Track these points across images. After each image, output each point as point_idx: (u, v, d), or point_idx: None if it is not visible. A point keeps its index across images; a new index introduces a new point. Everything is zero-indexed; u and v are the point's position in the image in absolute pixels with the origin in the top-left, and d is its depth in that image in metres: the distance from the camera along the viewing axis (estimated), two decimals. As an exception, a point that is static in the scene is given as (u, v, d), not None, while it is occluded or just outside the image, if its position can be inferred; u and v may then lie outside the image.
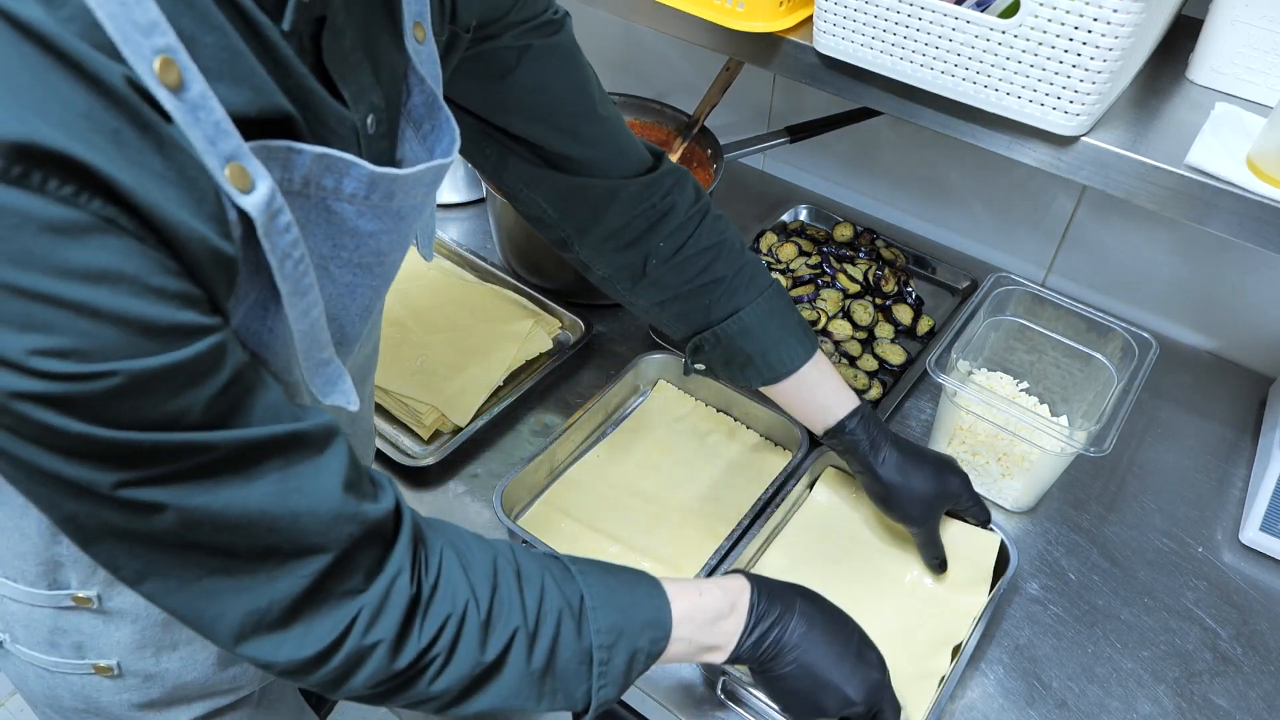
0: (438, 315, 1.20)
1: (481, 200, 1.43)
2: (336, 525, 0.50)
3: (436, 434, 1.09)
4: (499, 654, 0.57)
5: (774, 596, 0.71)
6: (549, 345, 1.18)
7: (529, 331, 1.17)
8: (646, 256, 0.84)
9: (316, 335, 0.52)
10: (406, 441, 1.08)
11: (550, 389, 1.15)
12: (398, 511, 0.56)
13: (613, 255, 0.85)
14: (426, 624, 0.55)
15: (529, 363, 1.16)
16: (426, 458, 1.04)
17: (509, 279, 1.25)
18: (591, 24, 1.59)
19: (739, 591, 0.70)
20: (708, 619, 0.67)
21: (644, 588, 0.66)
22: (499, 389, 1.12)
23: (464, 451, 1.06)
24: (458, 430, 1.07)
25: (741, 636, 0.69)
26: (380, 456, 1.04)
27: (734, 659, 0.69)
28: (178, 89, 0.39)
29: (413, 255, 1.26)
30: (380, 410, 1.10)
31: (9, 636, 0.73)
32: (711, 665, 0.84)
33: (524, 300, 1.23)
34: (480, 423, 1.07)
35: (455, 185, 1.39)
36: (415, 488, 1.04)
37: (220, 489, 0.45)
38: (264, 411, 0.47)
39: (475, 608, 0.57)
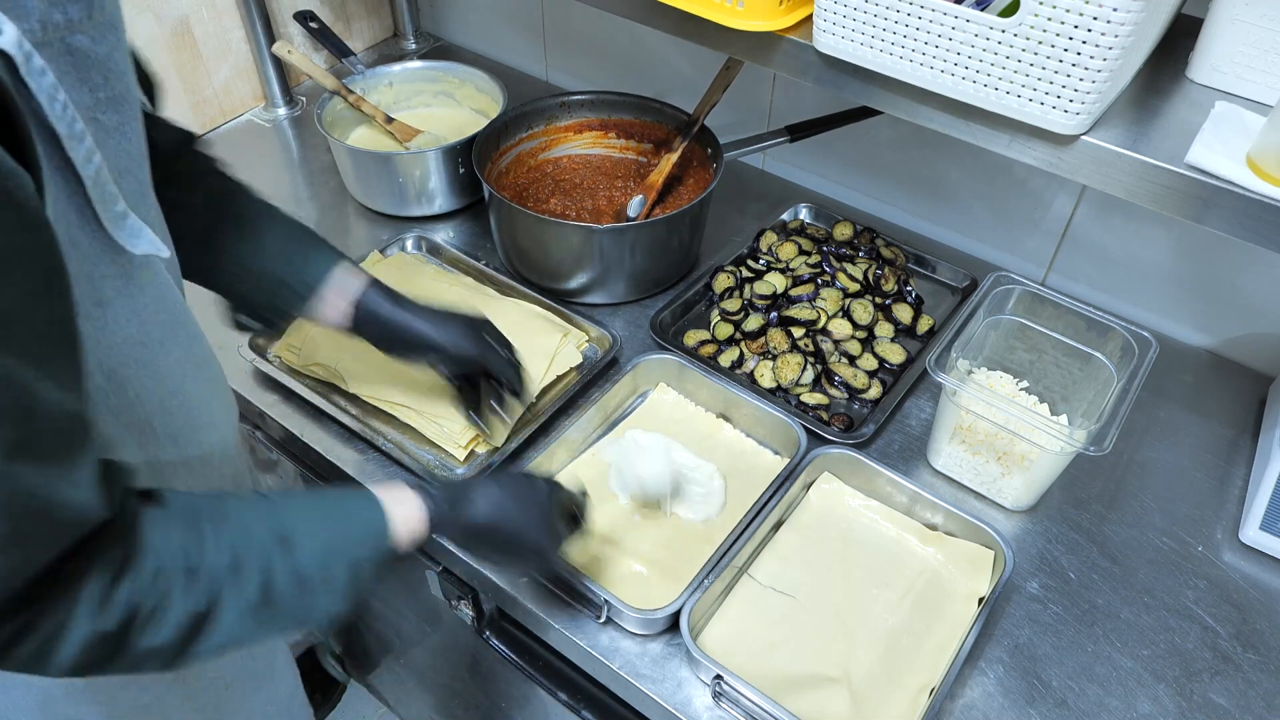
0: None
1: (480, 202, 1.43)
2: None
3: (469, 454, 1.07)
4: (209, 598, 0.59)
5: (444, 495, 0.78)
6: (579, 359, 1.17)
7: (558, 347, 1.16)
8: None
9: (105, 187, 0.55)
10: (436, 460, 1.06)
11: (579, 402, 1.12)
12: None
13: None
14: (133, 582, 0.56)
15: (558, 377, 1.15)
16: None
17: (530, 291, 1.24)
18: (591, 24, 1.59)
19: (415, 499, 0.76)
20: (407, 515, 0.73)
21: (355, 501, 0.71)
22: (530, 406, 1.11)
23: (497, 470, 1.05)
24: (492, 449, 1.06)
25: (434, 520, 0.75)
26: (414, 479, 1.02)
27: (434, 532, 0.76)
28: None
29: (431, 276, 1.26)
30: (411, 430, 1.09)
31: None
32: (702, 664, 0.84)
33: (549, 314, 1.21)
34: (516, 442, 1.06)
35: (454, 189, 1.39)
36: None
37: None
38: None
39: (180, 559, 0.58)
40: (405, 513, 0.73)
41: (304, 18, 1.58)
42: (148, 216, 0.62)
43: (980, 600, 0.93)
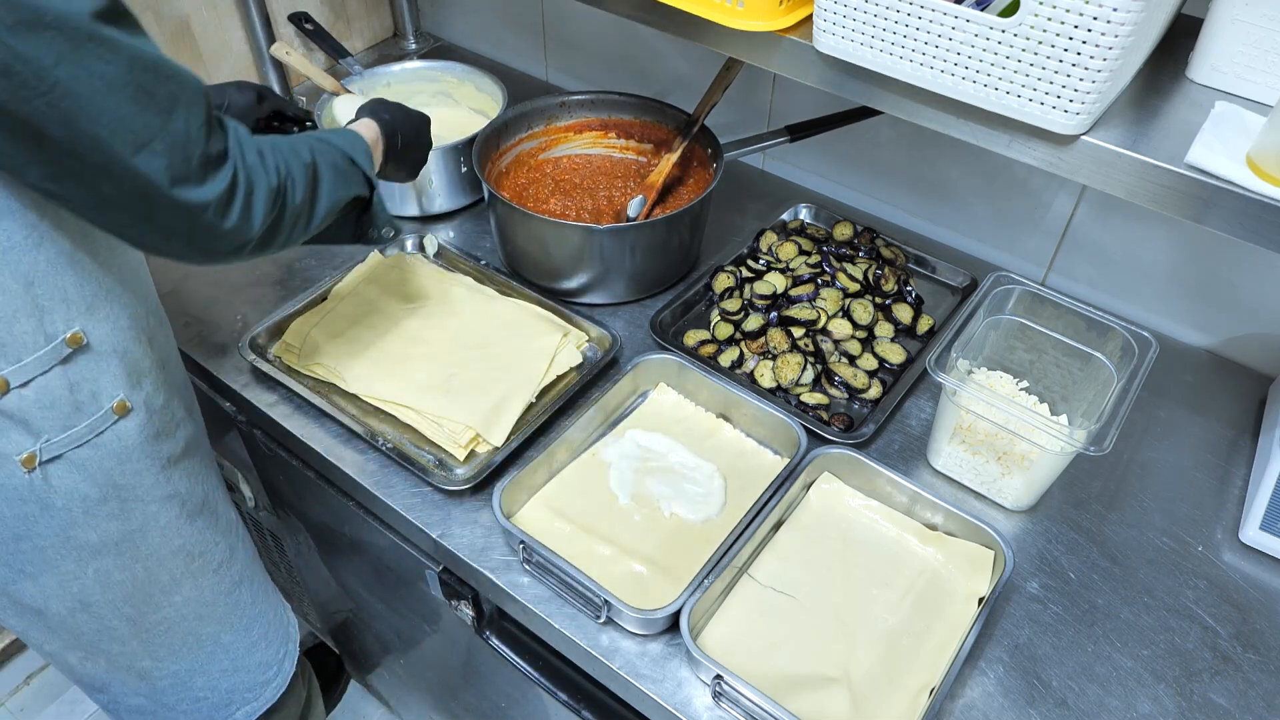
0: (466, 333, 1.19)
1: (480, 202, 1.43)
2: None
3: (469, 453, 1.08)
4: (311, 165, 0.85)
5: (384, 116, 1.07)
6: (579, 359, 1.17)
7: (558, 347, 1.17)
8: None
9: None
10: (435, 459, 1.07)
11: (579, 402, 1.12)
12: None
13: None
14: (271, 152, 0.81)
15: (558, 376, 1.15)
16: (464, 482, 1.02)
17: (530, 291, 1.24)
18: (591, 24, 1.59)
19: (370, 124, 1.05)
20: (369, 135, 1.02)
21: (339, 129, 0.98)
22: (530, 406, 1.11)
23: (497, 469, 1.05)
24: (493, 449, 1.06)
25: (388, 132, 1.05)
26: (414, 479, 1.04)
27: (389, 147, 1.05)
28: None
29: (431, 276, 1.26)
30: (411, 430, 1.09)
31: (44, 438, 0.83)
32: (702, 664, 0.84)
33: (549, 314, 1.21)
34: (516, 442, 1.06)
35: (454, 189, 1.39)
36: (444, 500, 1.04)
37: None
38: None
39: (286, 155, 0.83)
40: (369, 133, 1.02)
41: (300, 19, 1.58)
42: None
43: (980, 600, 0.93)
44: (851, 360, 1.17)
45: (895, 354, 1.18)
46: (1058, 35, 0.66)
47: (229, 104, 1.12)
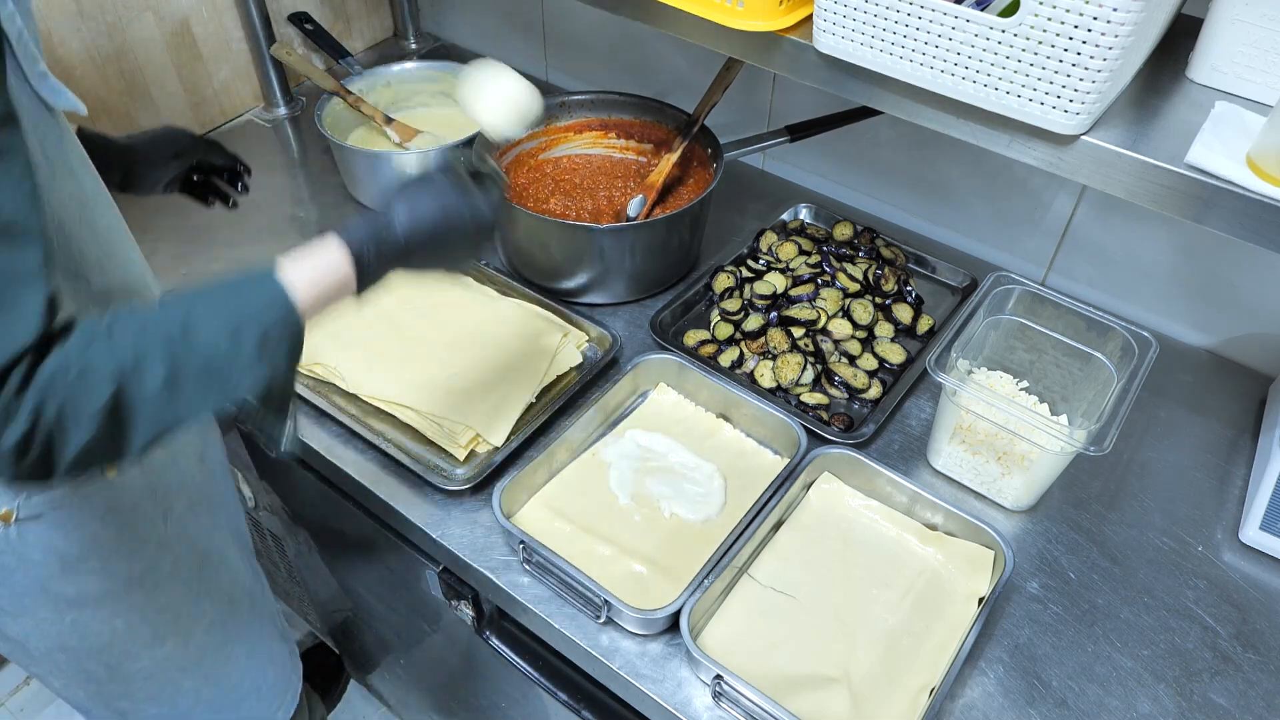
0: (466, 334, 1.19)
1: (481, 200, 1.43)
2: None
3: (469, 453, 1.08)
4: (113, 391, 0.61)
5: (353, 222, 0.76)
6: (579, 360, 1.17)
7: (558, 347, 1.17)
8: None
9: (27, 48, 0.62)
10: (435, 459, 1.07)
11: (579, 402, 1.12)
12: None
13: None
14: (40, 378, 0.59)
15: (558, 377, 1.15)
16: (464, 482, 1.02)
17: (531, 291, 1.24)
18: (591, 24, 1.59)
19: (326, 241, 0.74)
20: (322, 267, 0.71)
21: (249, 278, 0.69)
22: (530, 406, 1.11)
23: (497, 469, 1.05)
24: (493, 449, 1.06)
25: (357, 251, 0.73)
26: (414, 479, 1.04)
27: (369, 271, 0.74)
28: None
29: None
30: (411, 430, 1.09)
31: (22, 499, 0.79)
32: (702, 664, 0.84)
33: (549, 314, 1.21)
34: (516, 442, 1.06)
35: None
36: (444, 500, 1.04)
37: None
38: None
39: (83, 357, 0.61)
40: (316, 264, 0.71)
41: (300, 19, 1.58)
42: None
43: (980, 600, 0.93)
44: (851, 360, 1.17)
45: (895, 354, 1.18)
46: (1058, 35, 0.66)
47: (140, 161, 1.04)
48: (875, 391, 1.14)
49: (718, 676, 0.85)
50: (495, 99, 0.89)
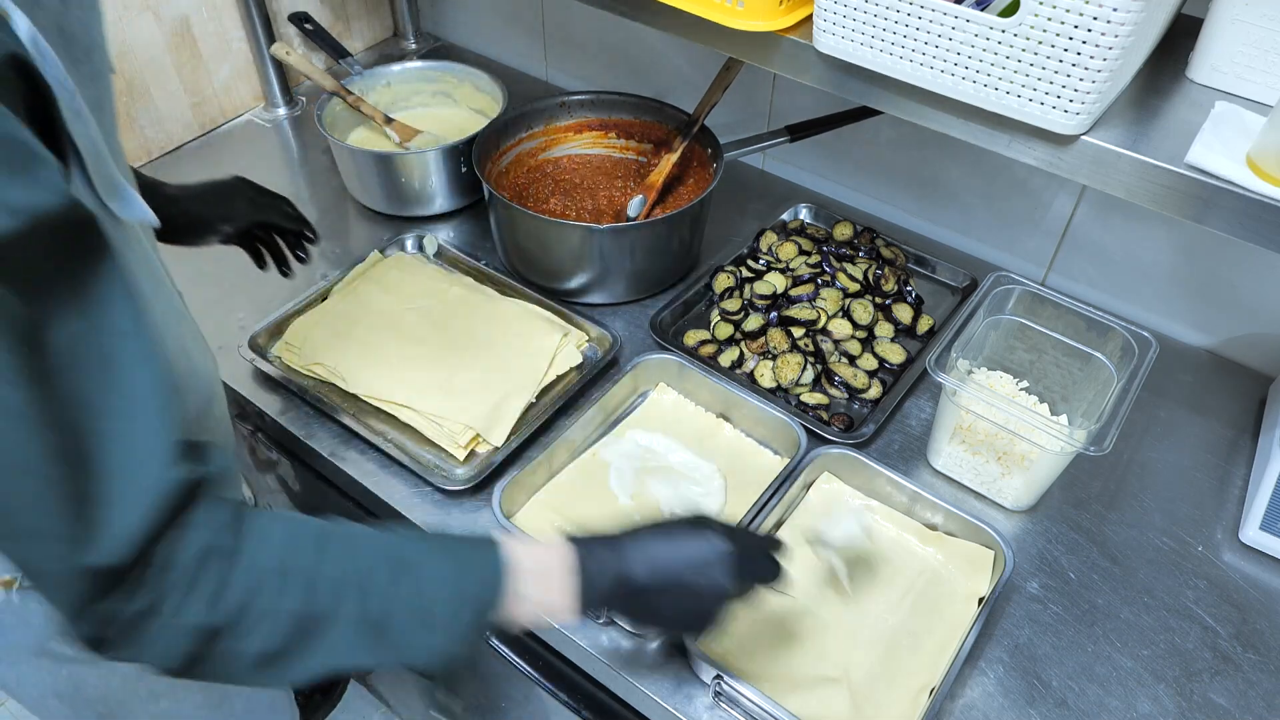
0: (465, 334, 1.19)
1: (480, 202, 1.43)
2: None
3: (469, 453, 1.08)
4: (326, 606, 0.56)
5: (596, 542, 0.70)
6: (578, 359, 1.17)
7: (558, 347, 1.16)
8: None
9: (103, 162, 0.55)
10: (435, 459, 1.07)
11: (579, 402, 1.12)
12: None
13: None
14: (246, 573, 0.54)
15: (558, 377, 1.15)
16: (464, 482, 1.02)
17: (531, 291, 1.24)
18: (591, 24, 1.59)
19: (561, 544, 0.69)
20: (542, 570, 0.65)
21: (477, 544, 0.65)
22: (530, 406, 1.11)
23: (497, 469, 1.05)
24: (493, 449, 1.06)
25: (577, 583, 0.67)
26: (414, 479, 1.04)
27: (588, 603, 0.67)
28: None
29: (431, 276, 1.26)
30: (411, 430, 1.09)
31: None
32: (702, 664, 0.84)
33: (549, 314, 1.21)
34: (516, 442, 1.06)
35: (454, 189, 1.39)
36: (444, 500, 1.04)
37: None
38: None
39: (296, 561, 0.56)
40: (538, 556, 0.65)
41: (300, 19, 1.58)
42: (128, 181, 0.63)
43: (980, 600, 0.93)
44: (851, 360, 1.17)
45: (895, 354, 1.18)
46: (1058, 35, 0.66)
47: (190, 213, 0.98)
48: (875, 391, 1.14)
49: (717, 676, 0.85)
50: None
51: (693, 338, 1.21)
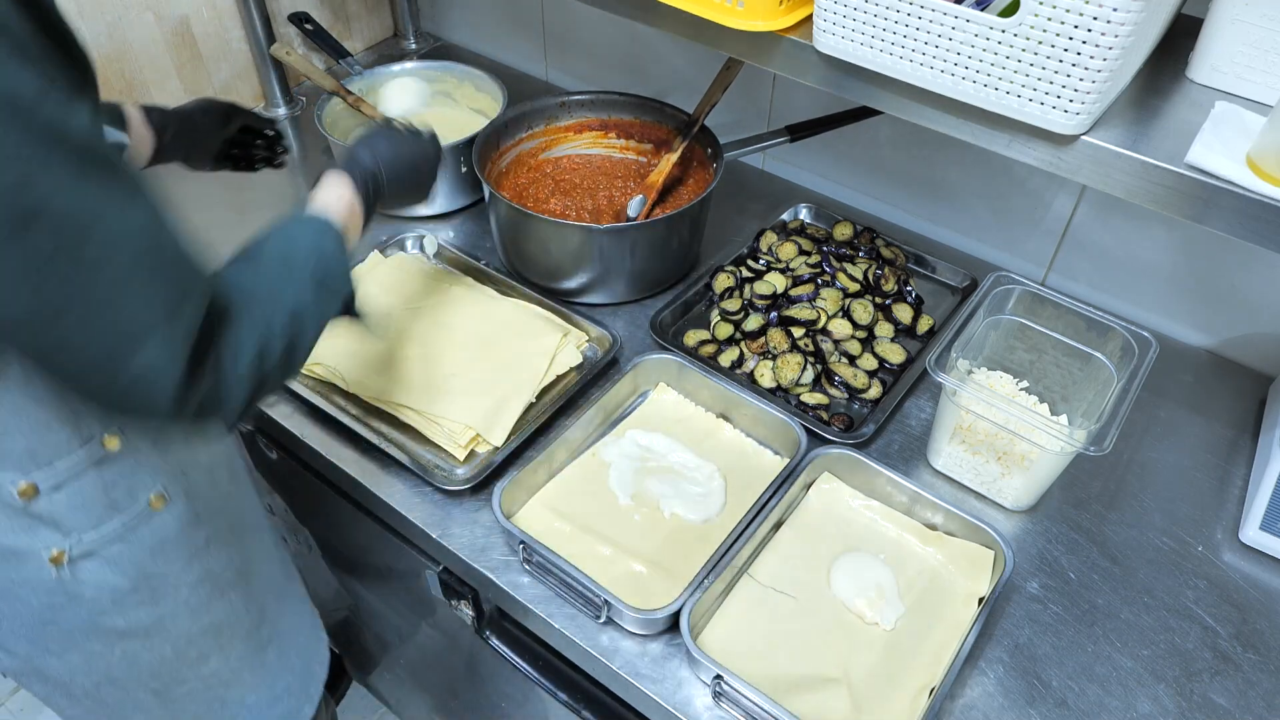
0: (465, 334, 1.19)
1: (480, 202, 1.43)
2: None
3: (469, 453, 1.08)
4: (297, 293, 0.75)
5: (355, 161, 0.93)
6: (578, 359, 1.17)
7: (558, 347, 1.16)
8: None
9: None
10: (435, 459, 1.07)
11: (579, 402, 1.12)
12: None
13: None
14: (247, 318, 0.71)
15: (558, 377, 1.15)
16: (464, 482, 1.02)
17: (531, 291, 1.24)
18: (591, 24, 1.59)
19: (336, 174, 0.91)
20: (346, 204, 0.88)
21: (293, 219, 0.83)
22: (530, 406, 1.11)
23: (497, 469, 1.05)
24: (493, 449, 1.06)
25: (360, 187, 0.90)
26: (414, 479, 1.04)
27: (371, 196, 0.92)
28: None
29: (431, 276, 1.26)
30: (411, 430, 1.09)
31: (76, 536, 0.80)
32: (703, 664, 0.84)
33: (549, 314, 1.21)
34: (516, 442, 1.06)
35: (454, 190, 1.39)
36: (444, 500, 1.04)
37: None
38: None
39: (270, 283, 0.74)
40: (338, 194, 0.88)
41: (299, 19, 1.58)
42: None
43: (980, 600, 0.93)
44: (851, 360, 1.17)
45: (895, 354, 1.18)
46: (1057, 35, 0.66)
47: (198, 127, 1.12)
48: (875, 391, 1.14)
49: (718, 676, 0.85)
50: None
51: (693, 338, 1.21)
